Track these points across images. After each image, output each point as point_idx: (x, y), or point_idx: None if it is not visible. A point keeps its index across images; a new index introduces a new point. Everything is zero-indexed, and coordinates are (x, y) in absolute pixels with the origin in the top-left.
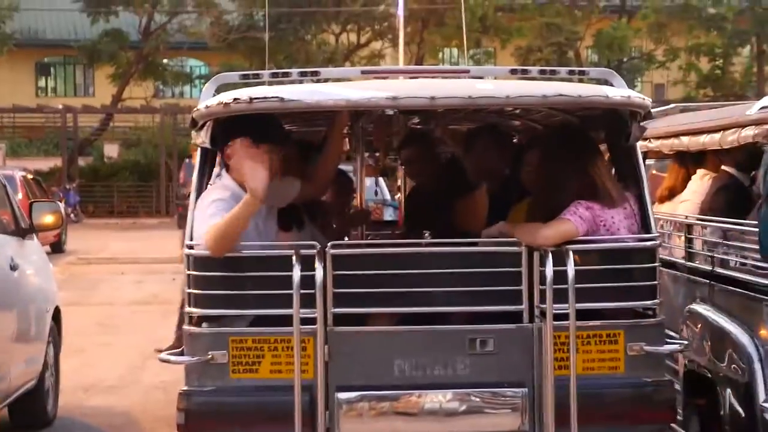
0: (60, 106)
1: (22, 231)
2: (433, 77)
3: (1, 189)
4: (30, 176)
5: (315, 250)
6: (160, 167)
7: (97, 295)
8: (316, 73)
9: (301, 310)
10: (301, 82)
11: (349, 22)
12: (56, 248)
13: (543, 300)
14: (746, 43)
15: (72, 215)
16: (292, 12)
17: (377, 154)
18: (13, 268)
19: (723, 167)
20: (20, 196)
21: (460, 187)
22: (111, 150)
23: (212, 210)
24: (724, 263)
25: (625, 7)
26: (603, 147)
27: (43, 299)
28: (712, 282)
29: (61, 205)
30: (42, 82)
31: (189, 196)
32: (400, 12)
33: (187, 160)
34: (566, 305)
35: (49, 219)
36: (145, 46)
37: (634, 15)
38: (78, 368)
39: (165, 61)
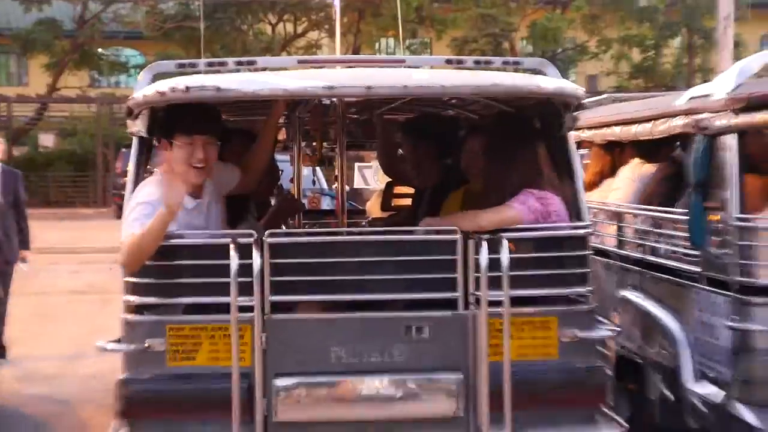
0: None
1: None
2: (369, 67)
3: None
4: None
5: (252, 239)
6: (96, 157)
7: (32, 284)
8: (252, 63)
9: (239, 298)
10: (237, 71)
11: (286, 12)
12: None
13: (478, 287)
14: (677, 35)
15: None
16: (229, 1)
17: (314, 144)
18: None
19: (672, 154)
20: None
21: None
22: (46, 140)
23: (135, 215)
24: (654, 251)
25: None
26: None
27: None
28: (642, 269)
29: None
30: None
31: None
32: (337, 2)
33: (124, 150)
34: (501, 292)
35: None
36: (79, 36)
37: (568, 6)
38: (13, 358)
39: (100, 50)
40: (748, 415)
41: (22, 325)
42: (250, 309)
